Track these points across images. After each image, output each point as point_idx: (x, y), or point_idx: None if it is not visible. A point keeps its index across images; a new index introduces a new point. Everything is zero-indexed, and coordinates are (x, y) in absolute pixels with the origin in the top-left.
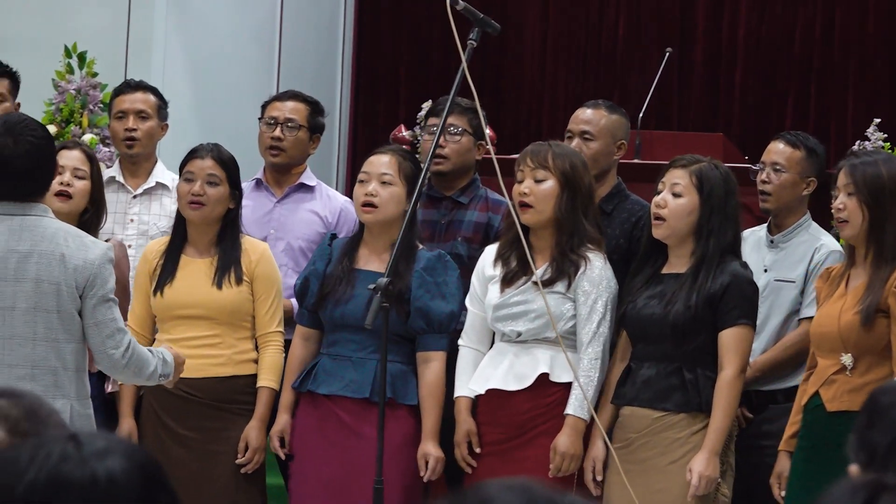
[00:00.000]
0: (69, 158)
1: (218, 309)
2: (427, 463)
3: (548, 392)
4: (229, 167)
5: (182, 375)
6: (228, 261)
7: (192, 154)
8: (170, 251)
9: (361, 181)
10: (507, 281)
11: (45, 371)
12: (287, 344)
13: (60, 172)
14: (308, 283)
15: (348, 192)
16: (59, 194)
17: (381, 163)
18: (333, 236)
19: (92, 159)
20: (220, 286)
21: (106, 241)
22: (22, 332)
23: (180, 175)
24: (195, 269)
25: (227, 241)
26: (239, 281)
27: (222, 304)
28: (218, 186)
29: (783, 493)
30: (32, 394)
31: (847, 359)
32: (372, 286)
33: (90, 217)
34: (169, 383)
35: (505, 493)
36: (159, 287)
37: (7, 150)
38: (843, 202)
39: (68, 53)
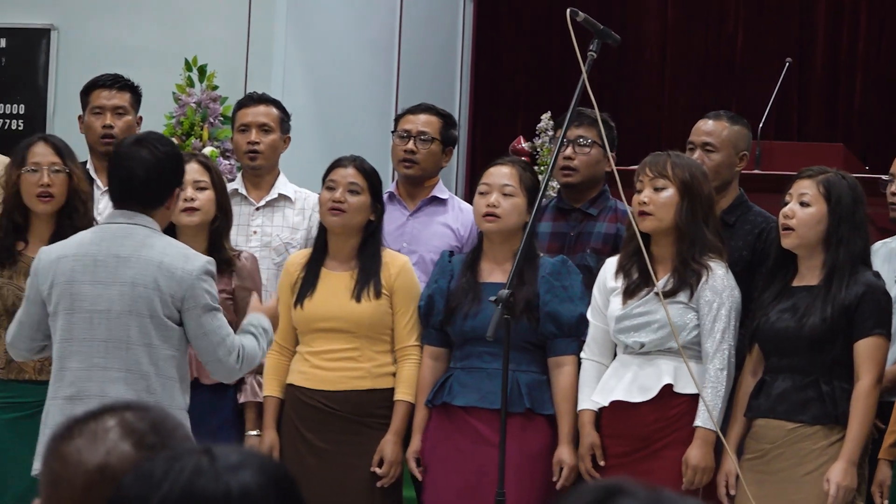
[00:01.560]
0: (188, 172)
1: (356, 322)
2: (561, 469)
3: (672, 404)
4: (371, 178)
5: (322, 388)
6: (368, 274)
7: (335, 164)
8: (311, 264)
9: (482, 192)
10: (629, 292)
11: (138, 375)
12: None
13: (181, 188)
14: (432, 302)
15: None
16: (185, 210)
17: (502, 174)
18: (451, 253)
19: (210, 168)
20: (358, 299)
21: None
22: (117, 335)
23: (323, 184)
24: (335, 282)
25: (367, 254)
26: (378, 294)
27: (360, 318)
28: (359, 195)
29: (886, 502)
30: (158, 406)
31: None
32: (493, 298)
33: (220, 224)
34: None
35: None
36: (299, 300)
37: (135, 155)
38: None
39: (188, 67)
